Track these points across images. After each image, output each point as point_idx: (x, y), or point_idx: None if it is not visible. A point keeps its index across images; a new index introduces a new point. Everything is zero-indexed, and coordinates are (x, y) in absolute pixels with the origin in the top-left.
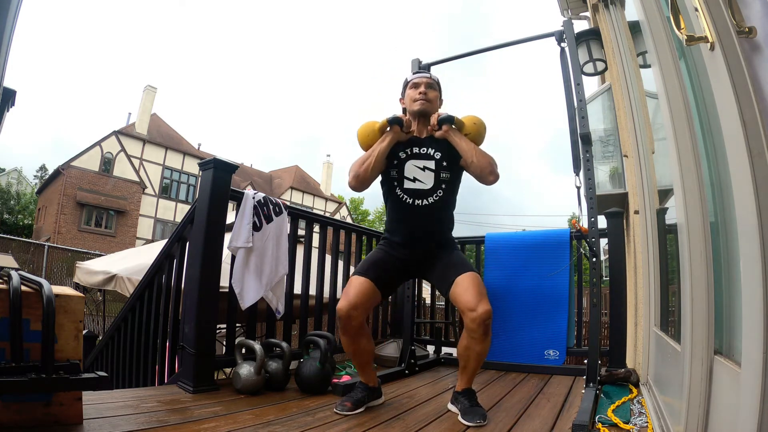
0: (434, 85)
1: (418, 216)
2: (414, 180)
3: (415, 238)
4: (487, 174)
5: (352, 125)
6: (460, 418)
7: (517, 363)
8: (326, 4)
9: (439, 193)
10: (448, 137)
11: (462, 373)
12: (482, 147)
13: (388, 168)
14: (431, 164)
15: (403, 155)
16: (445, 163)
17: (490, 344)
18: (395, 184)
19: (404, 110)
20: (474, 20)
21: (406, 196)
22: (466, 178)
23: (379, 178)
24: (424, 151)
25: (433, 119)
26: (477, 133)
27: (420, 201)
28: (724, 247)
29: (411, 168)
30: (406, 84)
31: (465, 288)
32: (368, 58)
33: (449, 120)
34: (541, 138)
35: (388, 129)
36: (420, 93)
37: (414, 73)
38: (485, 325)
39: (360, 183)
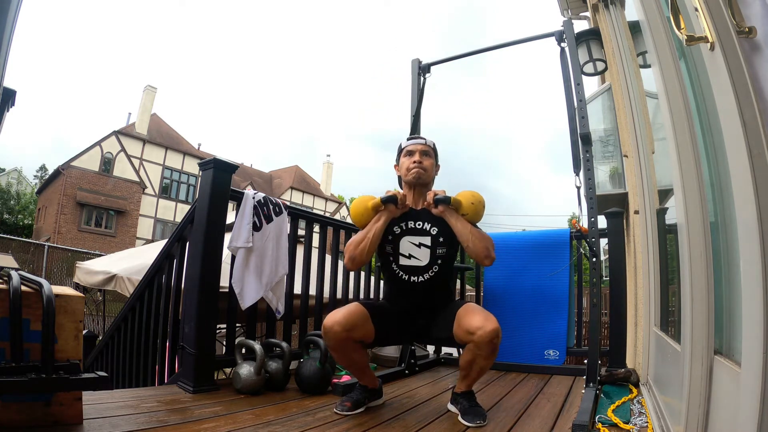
0: (429, 152)
1: (414, 292)
2: (409, 257)
3: (413, 309)
4: (483, 258)
5: (352, 125)
6: (460, 418)
7: (517, 363)
8: (326, 4)
9: (435, 268)
10: (443, 217)
11: (462, 380)
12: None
13: (384, 243)
14: (427, 240)
15: (398, 230)
16: (441, 239)
17: (493, 361)
18: (391, 259)
19: (399, 178)
20: (474, 20)
21: (402, 273)
22: (465, 175)
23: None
24: (419, 225)
25: (429, 197)
26: (475, 212)
27: (416, 278)
28: (724, 247)
29: (406, 244)
30: (400, 150)
31: (468, 313)
32: (368, 58)
33: (446, 201)
34: (541, 138)
35: (382, 208)
36: (414, 162)
37: (408, 140)
38: (493, 343)
39: (357, 265)
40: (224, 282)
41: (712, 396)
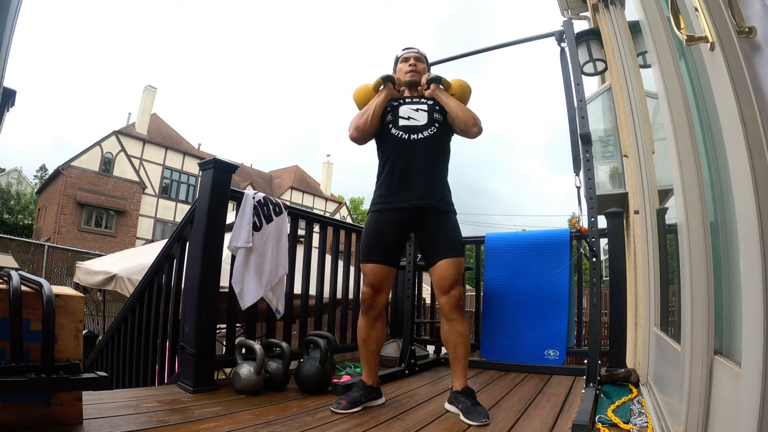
0: (422, 58)
1: (412, 152)
2: (408, 118)
3: (406, 183)
4: (471, 126)
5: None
6: (462, 417)
7: (517, 363)
8: (326, 4)
9: (433, 129)
10: (435, 95)
11: (454, 365)
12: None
13: (383, 116)
14: (424, 107)
15: (395, 103)
16: (437, 107)
17: (467, 325)
18: (390, 126)
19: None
20: (474, 20)
21: (401, 133)
22: (465, 174)
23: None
24: (416, 99)
25: (423, 79)
26: (462, 93)
27: (415, 135)
28: (724, 247)
29: (405, 110)
30: (397, 60)
31: (443, 273)
32: (368, 57)
33: (437, 80)
34: (541, 138)
35: (382, 87)
36: (410, 65)
37: (403, 49)
38: (459, 306)
39: (361, 133)
40: (224, 282)
41: (712, 396)
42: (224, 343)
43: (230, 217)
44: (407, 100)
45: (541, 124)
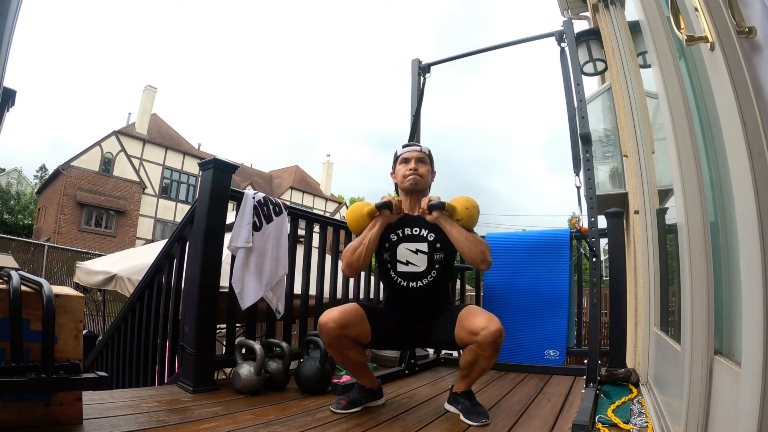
0: (425, 159)
1: (412, 297)
2: (407, 263)
3: (412, 314)
4: (479, 263)
5: (351, 125)
6: (462, 417)
7: (517, 363)
8: (326, 4)
9: (433, 274)
10: (438, 223)
11: (462, 379)
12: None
13: (381, 250)
14: (424, 247)
15: (394, 238)
16: (438, 245)
17: (494, 362)
18: (389, 266)
19: (396, 185)
20: (473, 20)
21: (400, 279)
22: (465, 174)
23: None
24: (416, 232)
25: (424, 204)
26: (470, 217)
27: (414, 283)
28: (724, 247)
29: (403, 251)
30: (396, 158)
31: (471, 314)
32: (368, 57)
33: (440, 207)
34: (540, 137)
35: (377, 214)
36: (410, 169)
37: (403, 147)
38: (497, 343)
39: (353, 271)
40: (224, 282)
41: (712, 396)
42: (224, 343)
43: (230, 217)
44: (406, 232)
45: (541, 124)
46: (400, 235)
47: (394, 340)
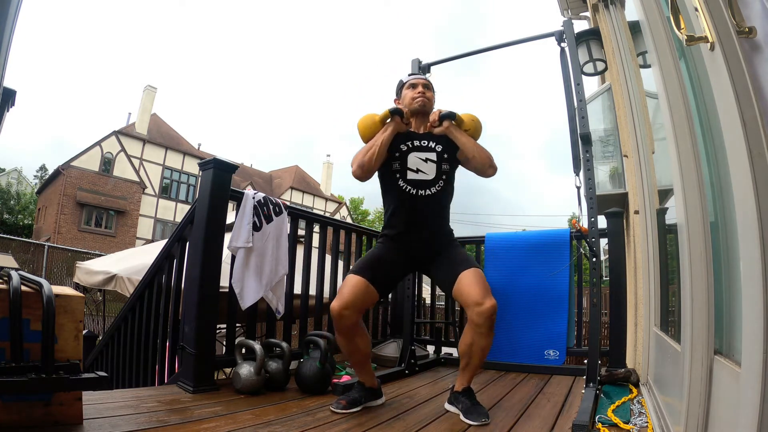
0: (430, 86)
1: (419, 206)
2: (417, 171)
3: (415, 227)
4: (487, 167)
5: (351, 125)
6: (462, 417)
7: (517, 363)
8: (326, 4)
9: (441, 183)
10: (448, 133)
11: (463, 371)
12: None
13: (390, 161)
14: (433, 156)
15: (404, 147)
16: (446, 156)
17: (492, 340)
18: (398, 176)
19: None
20: (473, 20)
21: (409, 187)
22: (464, 175)
23: (377, 173)
24: (425, 143)
25: (434, 116)
26: (475, 129)
27: (423, 191)
28: (724, 247)
29: (414, 160)
30: (401, 85)
31: (470, 283)
32: (368, 57)
33: (451, 116)
34: (540, 137)
35: (389, 120)
36: (419, 92)
37: (409, 75)
38: (491, 319)
39: (365, 172)
40: (224, 282)
41: (712, 396)
42: (224, 343)
43: (230, 217)
44: (416, 143)
45: (541, 124)
46: (410, 146)
47: (398, 276)
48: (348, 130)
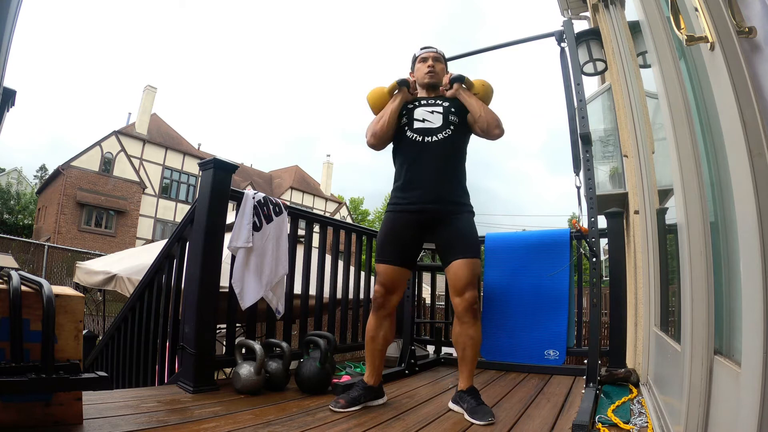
0: (440, 58)
1: (428, 154)
2: (423, 120)
3: (424, 181)
4: (494, 128)
5: (351, 125)
6: (467, 416)
7: (517, 363)
8: (326, 4)
9: (448, 131)
10: (458, 95)
11: (462, 366)
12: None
13: (398, 117)
14: (440, 109)
15: (411, 105)
16: (453, 109)
17: (481, 329)
18: (405, 128)
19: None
20: (473, 20)
21: (415, 135)
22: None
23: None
24: (432, 101)
25: (446, 79)
26: (485, 93)
27: (430, 138)
28: (724, 247)
29: (420, 112)
30: (414, 59)
31: (457, 273)
32: (368, 57)
33: (460, 79)
34: (540, 138)
35: (397, 91)
36: (428, 66)
37: (421, 49)
38: (472, 309)
39: (378, 139)
40: (224, 282)
41: (712, 396)
42: (224, 343)
43: (230, 217)
44: (422, 102)
45: (540, 124)
46: (417, 104)
47: (417, 247)
48: (348, 130)
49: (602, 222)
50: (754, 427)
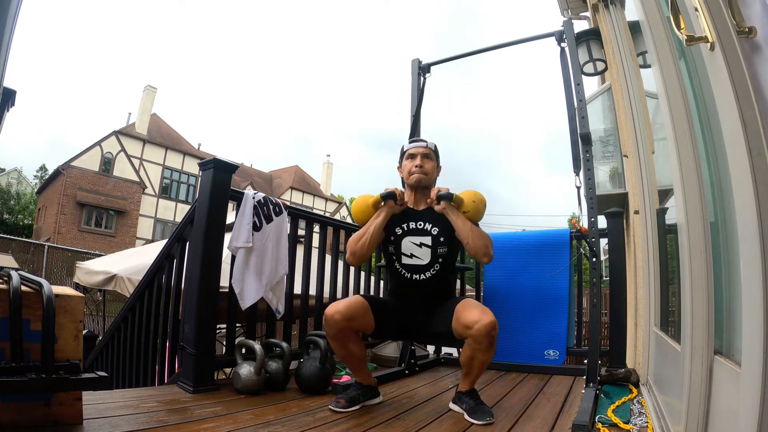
0: (430, 155)
1: (416, 289)
2: (411, 256)
3: (414, 305)
4: (481, 256)
5: (351, 125)
6: (467, 416)
7: (517, 363)
8: (326, 4)
9: (436, 267)
10: (445, 213)
11: (465, 378)
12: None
13: (386, 243)
14: (428, 240)
15: (399, 231)
16: (442, 239)
17: (493, 355)
18: (393, 258)
19: (402, 180)
20: (473, 20)
21: (404, 271)
22: (464, 174)
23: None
24: (420, 225)
25: (433, 193)
26: (476, 210)
27: (417, 276)
28: (724, 247)
29: (408, 245)
30: (403, 153)
31: (466, 308)
32: (368, 57)
33: (448, 197)
34: (539, 138)
35: (382, 204)
36: (416, 166)
37: (410, 143)
38: (491, 335)
39: (357, 259)
40: (224, 282)
41: (712, 396)
42: (224, 343)
43: (230, 217)
44: (411, 226)
45: (540, 125)
46: (405, 229)
47: (396, 331)
48: (348, 130)
49: (602, 222)
50: (754, 427)
